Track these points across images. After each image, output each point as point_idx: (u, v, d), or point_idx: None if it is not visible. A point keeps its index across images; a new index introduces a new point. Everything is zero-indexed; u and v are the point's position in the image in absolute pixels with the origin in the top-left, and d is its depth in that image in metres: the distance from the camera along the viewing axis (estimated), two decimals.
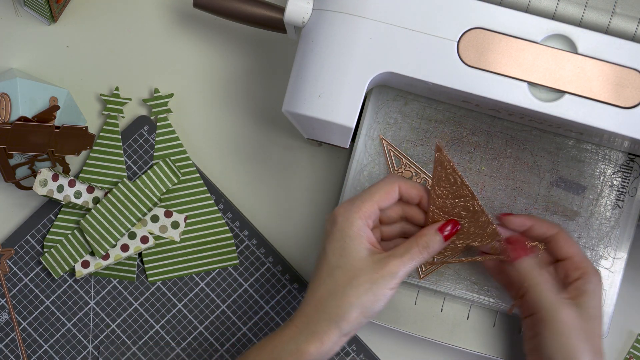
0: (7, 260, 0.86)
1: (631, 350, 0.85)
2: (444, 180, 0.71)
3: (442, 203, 0.72)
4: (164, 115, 0.86)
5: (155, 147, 0.86)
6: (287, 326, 0.71)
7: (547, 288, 0.71)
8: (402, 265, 0.69)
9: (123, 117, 0.87)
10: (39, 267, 0.86)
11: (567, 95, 0.70)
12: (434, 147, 0.73)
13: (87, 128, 0.82)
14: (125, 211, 0.84)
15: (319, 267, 0.72)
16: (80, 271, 0.85)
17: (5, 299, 0.86)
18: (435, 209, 0.72)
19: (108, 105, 0.86)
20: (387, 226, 0.75)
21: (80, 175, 0.86)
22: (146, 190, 0.85)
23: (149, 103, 0.87)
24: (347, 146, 0.77)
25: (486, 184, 0.79)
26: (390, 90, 0.79)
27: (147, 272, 0.86)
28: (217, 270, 0.86)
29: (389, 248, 0.72)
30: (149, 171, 0.85)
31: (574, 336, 0.70)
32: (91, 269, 0.85)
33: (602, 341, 0.71)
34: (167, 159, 0.86)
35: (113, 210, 0.84)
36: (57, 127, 0.81)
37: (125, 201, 0.84)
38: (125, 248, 0.85)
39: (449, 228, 0.71)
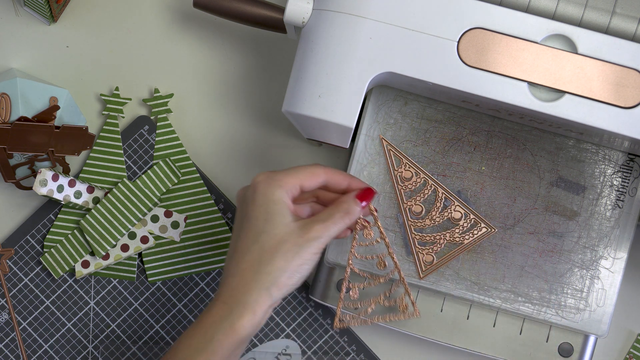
0: (7, 260, 0.86)
1: (631, 350, 0.85)
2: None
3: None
4: (164, 115, 0.86)
5: (155, 147, 0.86)
6: (215, 304, 0.70)
7: None
8: (325, 229, 0.70)
9: (123, 117, 0.87)
10: (39, 267, 0.86)
11: (567, 95, 0.70)
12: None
13: (87, 128, 0.82)
14: (125, 211, 0.84)
15: (241, 236, 0.71)
16: (80, 271, 0.85)
17: (5, 299, 0.86)
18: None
19: (108, 105, 0.86)
20: (298, 205, 0.75)
21: (80, 175, 0.86)
22: (146, 190, 0.85)
23: (149, 103, 0.87)
24: (347, 146, 0.77)
25: (486, 184, 0.79)
26: (390, 90, 0.79)
27: (147, 272, 0.86)
28: (217, 270, 0.86)
29: None
30: (149, 171, 0.85)
31: None
32: (91, 269, 0.85)
33: None
34: (167, 159, 0.86)
35: (113, 210, 0.84)
36: (57, 127, 0.81)
37: (125, 201, 0.84)
38: (125, 248, 0.85)
39: (364, 196, 0.73)
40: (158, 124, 0.86)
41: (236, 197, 0.74)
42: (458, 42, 0.70)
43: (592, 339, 0.80)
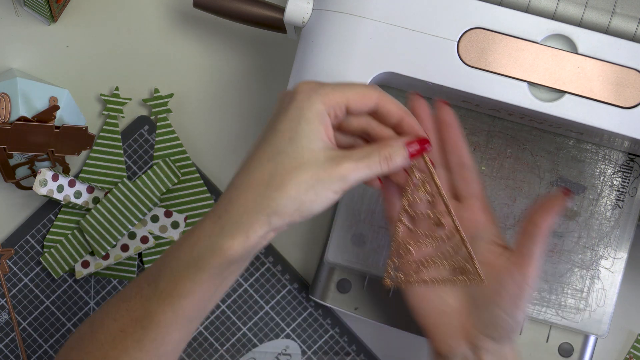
0: (7, 260, 0.86)
1: (631, 350, 0.85)
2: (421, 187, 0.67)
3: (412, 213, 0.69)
4: (164, 115, 0.86)
5: (155, 147, 0.86)
6: (210, 217, 0.62)
7: None
8: (355, 170, 0.61)
9: (123, 117, 0.87)
10: (39, 267, 0.86)
11: (567, 95, 0.70)
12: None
13: (87, 128, 0.82)
14: (125, 211, 0.84)
15: (259, 148, 0.62)
16: (80, 271, 0.85)
17: (5, 299, 0.86)
18: (403, 219, 0.68)
19: (108, 105, 0.86)
20: (342, 135, 0.66)
21: (80, 175, 0.86)
22: (146, 190, 0.85)
23: (149, 103, 0.87)
24: None
25: (486, 184, 0.79)
26: (391, 90, 0.79)
27: None
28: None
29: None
30: (149, 171, 0.85)
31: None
32: (91, 269, 0.85)
33: None
34: (167, 159, 0.86)
35: (113, 210, 0.84)
36: (57, 127, 0.81)
37: (125, 201, 0.84)
38: (125, 248, 0.85)
39: (416, 146, 0.64)
40: (158, 124, 0.86)
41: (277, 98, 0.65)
42: (458, 42, 0.70)
43: (592, 339, 0.80)
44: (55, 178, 0.82)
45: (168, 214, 0.86)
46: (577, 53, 0.70)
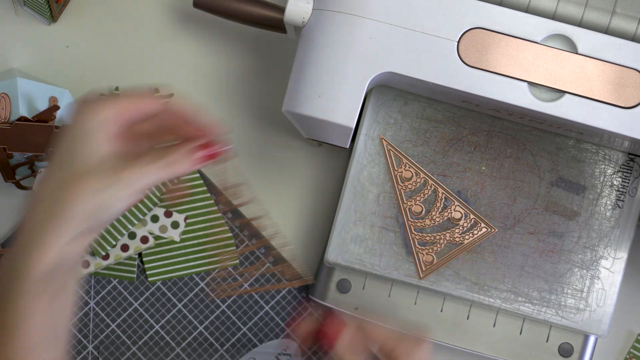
0: None
1: (631, 350, 0.85)
2: None
3: None
4: None
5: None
6: (16, 237, 0.61)
7: None
8: (140, 176, 0.60)
9: None
10: None
11: (567, 95, 0.70)
12: None
13: None
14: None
15: (49, 161, 0.62)
16: (80, 271, 0.85)
17: None
18: None
19: None
20: (134, 142, 0.65)
21: None
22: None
23: None
24: (347, 146, 0.77)
25: (486, 184, 0.79)
26: (390, 90, 0.79)
27: (147, 272, 0.86)
28: (217, 270, 0.86)
29: None
30: None
31: None
32: (91, 269, 0.85)
33: None
34: None
35: None
36: (57, 127, 0.81)
37: None
38: (125, 248, 0.85)
39: (201, 153, 0.64)
40: None
41: None
42: (458, 42, 0.70)
43: (592, 339, 0.80)
44: None
45: (168, 214, 0.86)
46: (577, 53, 0.70)
